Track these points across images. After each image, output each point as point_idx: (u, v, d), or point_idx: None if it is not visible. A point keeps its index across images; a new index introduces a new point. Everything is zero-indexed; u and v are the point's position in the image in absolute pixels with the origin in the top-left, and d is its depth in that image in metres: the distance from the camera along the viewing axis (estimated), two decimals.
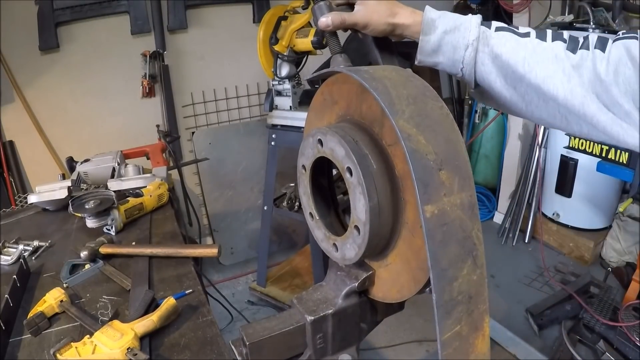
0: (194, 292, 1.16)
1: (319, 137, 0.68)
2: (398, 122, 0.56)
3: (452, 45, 0.74)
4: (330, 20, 0.76)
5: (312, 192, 0.77)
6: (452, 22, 0.74)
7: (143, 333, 0.98)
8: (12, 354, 0.99)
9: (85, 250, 1.31)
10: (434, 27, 0.74)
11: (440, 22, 0.74)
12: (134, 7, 2.88)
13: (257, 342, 0.71)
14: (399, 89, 0.59)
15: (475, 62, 0.74)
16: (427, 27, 0.74)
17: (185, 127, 3.20)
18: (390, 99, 0.58)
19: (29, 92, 2.77)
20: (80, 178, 1.88)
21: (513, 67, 0.71)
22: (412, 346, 2.53)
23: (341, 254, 0.71)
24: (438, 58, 0.76)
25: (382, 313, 0.79)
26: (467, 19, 0.75)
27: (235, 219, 3.38)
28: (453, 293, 0.56)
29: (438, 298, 0.55)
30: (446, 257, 0.55)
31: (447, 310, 0.56)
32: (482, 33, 0.73)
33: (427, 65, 0.78)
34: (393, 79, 0.62)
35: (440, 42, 0.74)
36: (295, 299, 0.77)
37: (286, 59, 2.42)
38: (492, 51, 0.73)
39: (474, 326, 0.59)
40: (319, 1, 0.79)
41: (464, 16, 0.76)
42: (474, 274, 0.58)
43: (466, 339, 0.58)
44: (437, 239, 0.54)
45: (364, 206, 0.61)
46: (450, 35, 0.74)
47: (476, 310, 0.59)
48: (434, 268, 0.54)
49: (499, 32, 0.74)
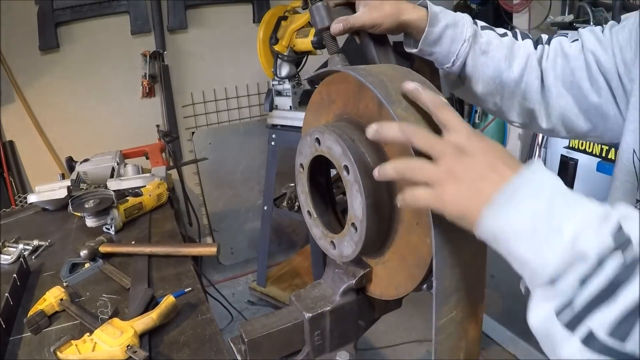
0: (193, 290, 1.17)
1: (317, 136, 0.68)
2: (396, 111, 0.56)
3: (451, 39, 0.79)
4: (341, 27, 0.77)
5: (310, 190, 0.77)
6: (451, 18, 0.79)
7: (143, 331, 0.98)
8: (12, 352, 1.00)
9: (85, 249, 1.31)
10: (438, 20, 0.78)
11: (443, 17, 0.79)
12: (134, 7, 2.88)
13: (256, 339, 0.71)
14: (395, 82, 0.60)
15: (467, 56, 0.81)
16: (433, 19, 0.78)
17: (185, 127, 3.21)
18: (386, 91, 0.58)
19: (29, 92, 2.77)
20: (79, 178, 1.89)
21: (497, 63, 0.81)
22: (412, 346, 2.54)
23: (338, 252, 0.71)
24: (436, 48, 0.80)
25: (380, 310, 0.80)
26: (463, 17, 0.80)
27: (235, 219, 3.39)
28: (453, 280, 0.56)
29: (438, 285, 0.55)
30: (450, 244, 0.55)
31: (446, 296, 0.57)
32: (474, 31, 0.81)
33: (424, 55, 0.82)
34: (389, 75, 0.63)
35: (442, 34, 0.79)
36: (293, 296, 0.77)
37: (286, 59, 2.42)
38: (481, 48, 0.80)
39: (469, 312, 0.60)
40: (317, 2, 0.79)
41: (458, 14, 0.81)
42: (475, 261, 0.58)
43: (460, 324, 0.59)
44: (442, 226, 0.54)
45: (360, 204, 0.62)
46: (450, 29, 0.79)
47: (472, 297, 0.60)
48: (437, 254, 0.54)
49: (485, 30, 0.82)
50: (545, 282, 0.44)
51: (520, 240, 0.45)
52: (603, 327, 0.40)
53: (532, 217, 0.44)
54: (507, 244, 0.46)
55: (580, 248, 0.41)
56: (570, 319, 0.42)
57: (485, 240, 0.49)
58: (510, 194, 0.46)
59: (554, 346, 0.44)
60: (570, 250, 0.42)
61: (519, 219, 0.45)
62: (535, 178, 0.46)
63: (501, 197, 0.46)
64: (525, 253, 0.45)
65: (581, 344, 0.41)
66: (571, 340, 0.42)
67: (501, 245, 0.47)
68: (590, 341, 0.41)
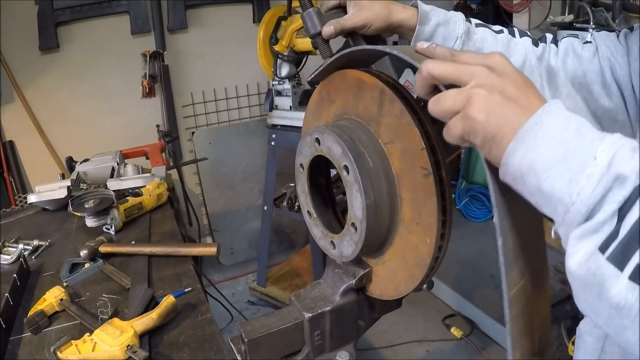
0: (193, 290, 1.17)
1: (317, 136, 0.69)
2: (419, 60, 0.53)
3: (443, 37, 0.79)
4: (332, 29, 0.76)
5: (310, 190, 0.77)
6: (443, 16, 0.80)
7: (143, 331, 0.98)
8: (12, 352, 1.00)
9: (84, 249, 1.31)
10: (428, 18, 0.78)
11: (433, 15, 0.79)
12: (134, 7, 2.88)
13: (256, 339, 0.71)
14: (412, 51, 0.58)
15: None
16: (423, 18, 0.78)
17: (185, 127, 3.21)
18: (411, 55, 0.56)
19: (29, 92, 2.77)
20: (79, 178, 1.89)
21: None
22: (412, 346, 2.54)
23: (338, 252, 0.71)
24: None
25: (380, 310, 0.80)
26: (455, 14, 0.80)
27: (235, 219, 3.39)
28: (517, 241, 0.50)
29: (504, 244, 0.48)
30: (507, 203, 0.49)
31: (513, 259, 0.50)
32: (467, 28, 0.80)
33: None
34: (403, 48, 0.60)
35: (433, 33, 0.79)
36: (293, 296, 0.77)
37: (286, 59, 2.42)
38: (475, 45, 0.80)
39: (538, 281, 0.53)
40: (308, 8, 0.79)
41: (450, 12, 0.81)
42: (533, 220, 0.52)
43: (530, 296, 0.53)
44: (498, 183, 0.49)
45: (360, 204, 0.62)
46: (442, 27, 0.79)
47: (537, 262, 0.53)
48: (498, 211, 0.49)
49: (479, 27, 0.82)
50: (583, 216, 0.40)
51: (552, 172, 0.41)
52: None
53: (563, 146, 0.41)
54: (537, 179, 0.42)
55: (618, 170, 0.38)
56: (618, 254, 0.38)
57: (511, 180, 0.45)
58: (538, 126, 0.43)
59: (600, 288, 0.39)
60: (608, 173, 0.38)
61: (549, 150, 0.42)
62: (559, 112, 0.44)
63: (529, 129, 0.43)
64: (559, 185, 0.41)
65: (630, 282, 0.37)
66: (619, 278, 0.38)
67: (531, 181, 0.43)
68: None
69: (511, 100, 0.45)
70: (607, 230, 0.38)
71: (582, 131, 0.42)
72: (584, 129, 0.42)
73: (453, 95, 0.48)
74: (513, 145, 0.43)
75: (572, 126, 0.42)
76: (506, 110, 0.45)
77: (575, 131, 0.42)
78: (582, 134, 0.41)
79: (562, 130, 0.42)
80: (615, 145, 0.39)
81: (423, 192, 0.58)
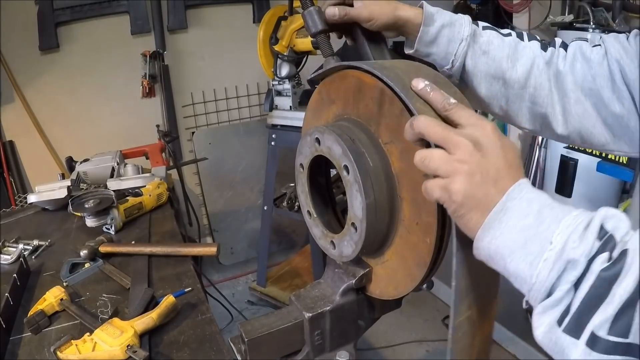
0: (193, 290, 1.17)
1: (317, 136, 0.69)
2: (415, 105, 0.56)
3: (448, 39, 0.78)
4: (337, 11, 0.76)
5: (310, 190, 0.77)
6: (448, 18, 0.78)
7: (143, 330, 0.98)
8: (12, 352, 1.00)
9: (85, 249, 1.31)
10: (433, 20, 0.77)
11: (438, 17, 0.78)
12: (134, 7, 2.88)
13: (256, 338, 0.71)
14: (410, 75, 0.60)
15: (466, 56, 0.79)
16: (427, 19, 0.77)
17: (185, 127, 3.21)
18: (403, 85, 0.58)
19: (29, 92, 2.77)
20: (79, 178, 1.89)
21: (498, 63, 0.79)
22: (412, 346, 2.54)
23: (338, 251, 0.71)
24: (432, 49, 0.79)
25: (379, 310, 0.80)
26: (460, 17, 0.79)
27: (235, 219, 3.39)
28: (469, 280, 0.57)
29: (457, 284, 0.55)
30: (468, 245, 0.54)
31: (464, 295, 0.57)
32: (473, 30, 0.79)
33: (421, 56, 0.81)
34: (403, 68, 0.62)
35: (438, 34, 0.78)
36: (293, 296, 0.77)
37: (286, 59, 2.42)
38: (481, 47, 0.79)
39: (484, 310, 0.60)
40: (309, 7, 0.79)
41: (457, 14, 0.80)
42: None
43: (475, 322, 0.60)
44: None
45: (360, 203, 0.62)
46: (447, 29, 0.78)
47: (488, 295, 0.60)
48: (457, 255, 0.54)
49: (486, 30, 0.81)
50: (543, 294, 0.45)
51: (515, 256, 0.47)
52: (603, 327, 0.41)
53: (524, 233, 0.47)
54: (503, 261, 0.48)
55: (569, 256, 0.44)
56: (572, 326, 0.43)
57: (484, 259, 0.51)
58: (502, 212, 0.48)
59: (562, 354, 0.45)
60: (560, 259, 0.44)
61: (512, 237, 0.47)
62: (522, 195, 0.48)
63: (495, 217, 0.49)
64: (522, 267, 0.47)
65: (586, 348, 0.42)
66: (577, 345, 0.43)
67: (499, 263, 0.49)
68: (596, 343, 0.42)
69: (489, 182, 0.50)
70: (563, 305, 0.44)
71: (543, 214, 0.47)
72: (544, 210, 0.47)
73: (438, 162, 0.52)
74: (481, 233, 0.49)
75: (534, 210, 0.47)
76: (482, 194, 0.50)
77: (535, 216, 0.47)
78: (542, 218, 0.47)
79: (523, 216, 0.47)
80: (569, 229, 0.45)
81: None
